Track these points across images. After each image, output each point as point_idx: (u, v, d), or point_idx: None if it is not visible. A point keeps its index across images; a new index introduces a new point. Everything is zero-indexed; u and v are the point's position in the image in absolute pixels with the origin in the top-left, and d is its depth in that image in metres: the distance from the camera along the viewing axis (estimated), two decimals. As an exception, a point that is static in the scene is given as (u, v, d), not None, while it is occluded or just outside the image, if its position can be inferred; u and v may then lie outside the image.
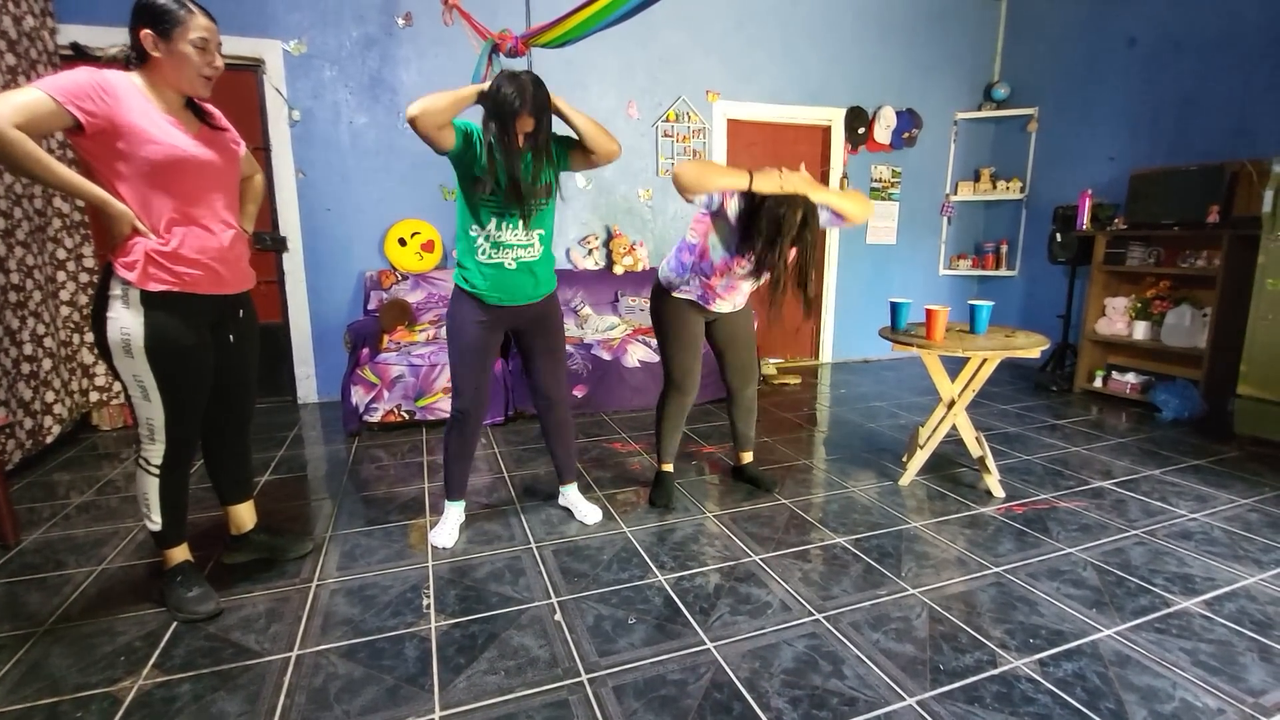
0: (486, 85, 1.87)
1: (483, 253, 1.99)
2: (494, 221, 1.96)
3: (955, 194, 5.26)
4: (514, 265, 2.00)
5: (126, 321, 1.55)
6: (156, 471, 1.69)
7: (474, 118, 1.93)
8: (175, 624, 1.70)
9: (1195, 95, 3.87)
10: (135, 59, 1.56)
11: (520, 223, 1.97)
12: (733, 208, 2.07)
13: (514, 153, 1.87)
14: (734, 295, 2.29)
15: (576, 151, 2.04)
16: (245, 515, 2.00)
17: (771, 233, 1.99)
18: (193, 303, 1.62)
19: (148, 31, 1.51)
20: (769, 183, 1.94)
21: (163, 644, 1.62)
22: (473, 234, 1.99)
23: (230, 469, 1.95)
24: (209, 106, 1.71)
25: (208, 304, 1.66)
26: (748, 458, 2.66)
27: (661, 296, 2.35)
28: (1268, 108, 3.54)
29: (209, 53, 1.57)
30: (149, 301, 1.56)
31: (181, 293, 1.59)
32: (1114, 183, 4.27)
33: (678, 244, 2.30)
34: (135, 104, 1.50)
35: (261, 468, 2.86)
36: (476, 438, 2.18)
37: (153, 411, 1.63)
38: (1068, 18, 4.63)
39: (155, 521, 1.73)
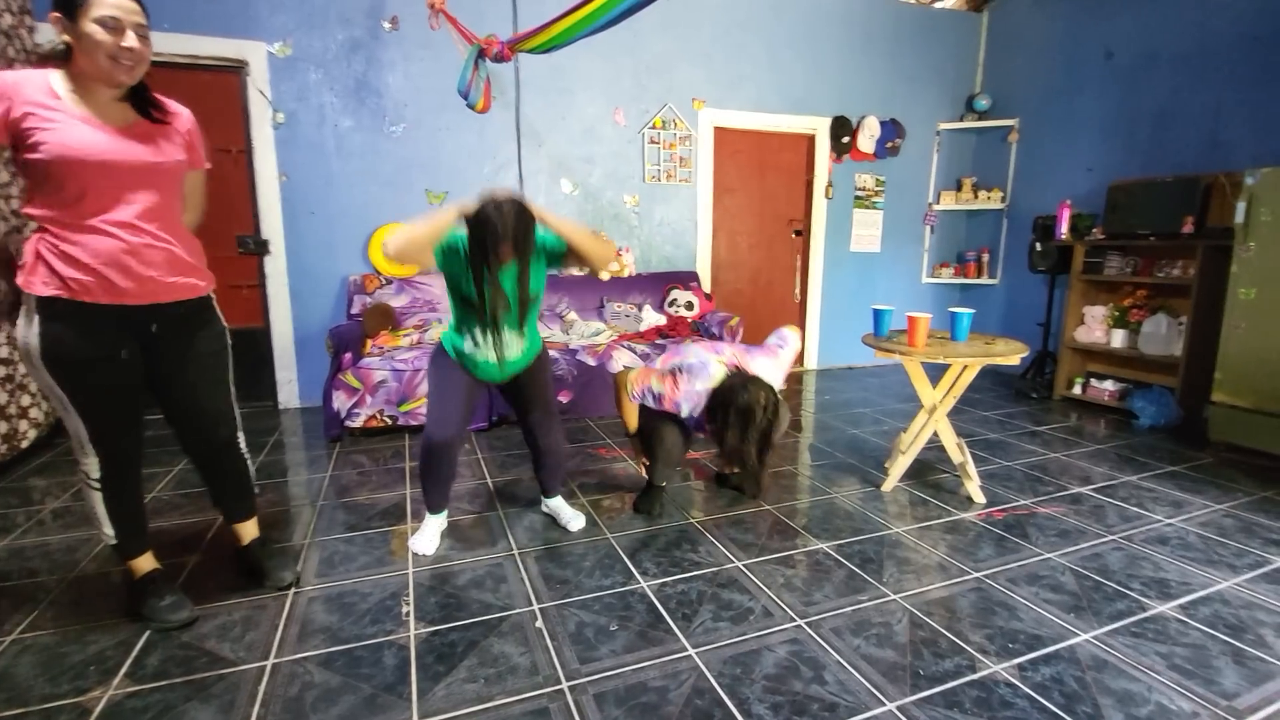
0: (469, 206, 1.82)
1: (468, 344, 2.01)
2: (478, 329, 1.97)
3: (938, 203, 5.33)
4: (497, 360, 2.01)
5: (23, 329, 1.47)
6: (97, 485, 1.61)
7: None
8: (148, 633, 1.67)
9: (1170, 109, 3.96)
10: (65, 53, 1.43)
11: (504, 332, 1.98)
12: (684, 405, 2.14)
13: (496, 286, 1.86)
14: None
15: (568, 259, 2.01)
16: (245, 532, 1.93)
17: (741, 421, 2.02)
18: (85, 312, 1.47)
19: (56, 15, 1.39)
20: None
21: (135, 653, 1.59)
22: (458, 330, 2.02)
23: (222, 489, 1.85)
24: (171, 104, 1.59)
25: (104, 314, 1.49)
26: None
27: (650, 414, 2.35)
28: (1240, 121, 3.62)
29: (119, 33, 1.39)
30: (41, 309, 1.45)
31: (72, 300, 1.45)
32: (1092, 193, 4.34)
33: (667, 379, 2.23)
34: (33, 99, 1.39)
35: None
36: (455, 462, 2.12)
37: (74, 424, 1.54)
38: (1047, 31, 4.71)
39: (109, 534, 1.67)
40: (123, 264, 1.48)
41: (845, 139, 4.96)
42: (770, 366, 2.26)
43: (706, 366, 2.15)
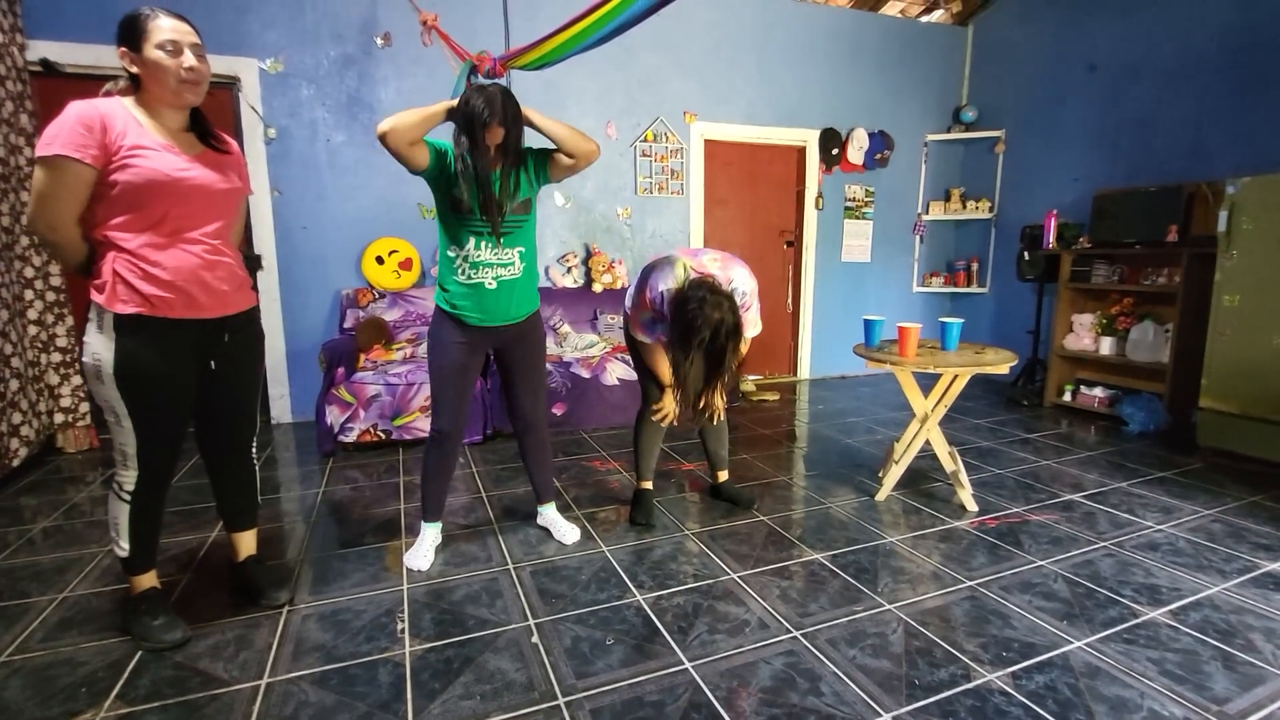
0: (457, 101, 1.86)
1: (462, 273, 1.98)
2: (472, 241, 1.95)
3: (927, 213, 5.38)
4: (494, 285, 1.99)
5: (98, 346, 1.52)
6: (129, 498, 1.64)
7: (446, 134, 1.93)
8: (140, 653, 1.65)
9: (1153, 119, 4.03)
10: (131, 85, 1.54)
11: (497, 240, 1.97)
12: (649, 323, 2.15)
13: (486, 165, 1.87)
14: None
15: (555, 160, 2.02)
16: (243, 544, 1.94)
17: (682, 335, 1.91)
18: (165, 327, 1.56)
19: (123, 50, 1.50)
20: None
21: (127, 674, 1.57)
22: (451, 254, 1.99)
23: (231, 495, 1.89)
24: (226, 136, 1.69)
25: (183, 328, 1.59)
26: (724, 476, 2.67)
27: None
28: (1220, 131, 3.69)
29: (179, 54, 1.51)
30: (120, 326, 1.52)
31: (152, 317, 1.54)
32: (1078, 203, 4.40)
33: (634, 287, 2.23)
34: (125, 127, 1.48)
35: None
36: (455, 457, 2.16)
37: (125, 438, 1.59)
38: (1031, 44, 4.79)
39: (124, 548, 1.68)
40: (202, 279, 1.59)
41: (835, 151, 5.02)
42: (749, 279, 2.14)
43: (671, 266, 2.06)
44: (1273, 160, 3.30)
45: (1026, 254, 4.47)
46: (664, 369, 2.24)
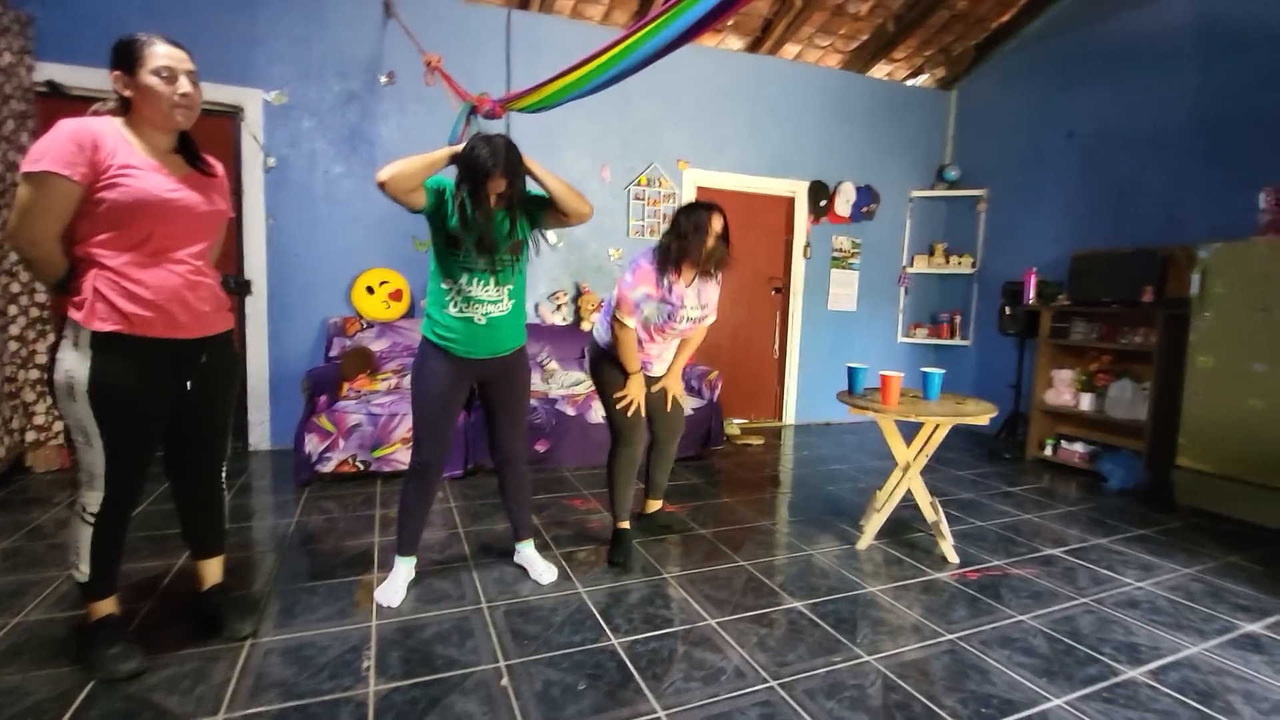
0: (460, 147, 1.91)
1: (453, 305, 2.01)
2: (465, 277, 1.98)
3: (911, 266, 5.50)
4: (483, 320, 2.01)
5: (71, 364, 1.50)
6: (92, 520, 1.60)
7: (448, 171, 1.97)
8: (92, 683, 1.59)
9: (1129, 184, 4.18)
10: (121, 106, 1.56)
11: (491, 279, 2.00)
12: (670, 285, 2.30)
13: (486, 212, 1.90)
14: (665, 354, 2.50)
15: (550, 211, 2.07)
16: (209, 572, 1.89)
17: (697, 241, 2.23)
18: (143, 346, 1.55)
19: (117, 73, 1.52)
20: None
21: (75, 706, 1.51)
22: (444, 287, 2.01)
23: (198, 518, 1.84)
24: (211, 159, 1.71)
25: (161, 348, 1.58)
26: (655, 506, 2.73)
27: (602, 358, 2.42)
28: (1194, 198, 3.83)
29: (174, 80, 1.53)
30: (96, 344, 1.50)
31: (131, 335, 1.53)
32: (1057, 262, 4.52)
33: (606, 312, 2.40)
34: (115, 146, 1.49)
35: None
36: (435, 490, 2.14)
37: (93, 458, 1.56)
38: (1012, 109, 5.00)
39: (83, 572, 1.63)
40: (184, 299, 1.59)
41: (823, 202, 5.15)
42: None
43: (638, 258, 2.31)
44: (1244, 227, 3.43)
45: (1008, 309, 4.56)
46: (631, 356, 2.34)
